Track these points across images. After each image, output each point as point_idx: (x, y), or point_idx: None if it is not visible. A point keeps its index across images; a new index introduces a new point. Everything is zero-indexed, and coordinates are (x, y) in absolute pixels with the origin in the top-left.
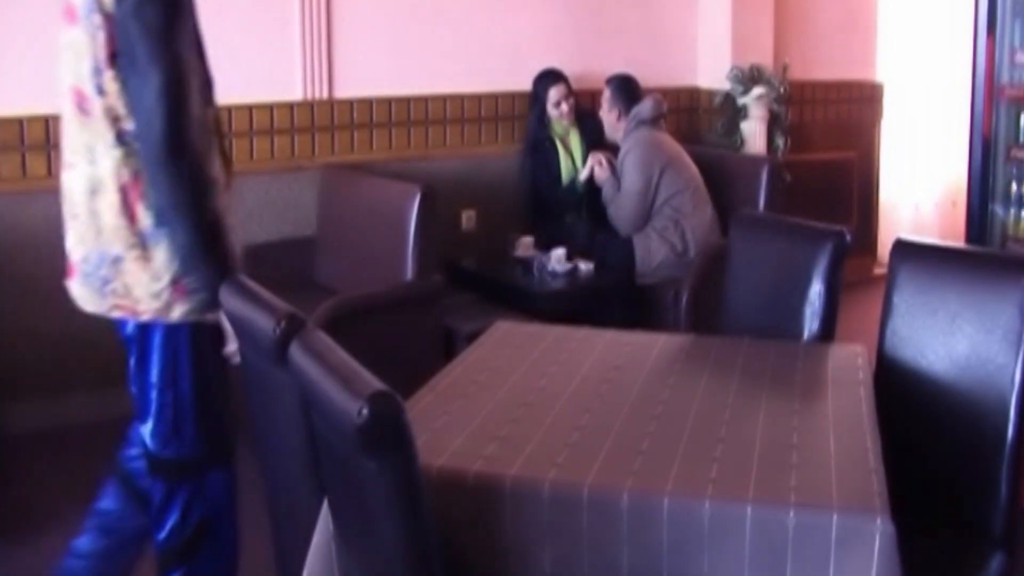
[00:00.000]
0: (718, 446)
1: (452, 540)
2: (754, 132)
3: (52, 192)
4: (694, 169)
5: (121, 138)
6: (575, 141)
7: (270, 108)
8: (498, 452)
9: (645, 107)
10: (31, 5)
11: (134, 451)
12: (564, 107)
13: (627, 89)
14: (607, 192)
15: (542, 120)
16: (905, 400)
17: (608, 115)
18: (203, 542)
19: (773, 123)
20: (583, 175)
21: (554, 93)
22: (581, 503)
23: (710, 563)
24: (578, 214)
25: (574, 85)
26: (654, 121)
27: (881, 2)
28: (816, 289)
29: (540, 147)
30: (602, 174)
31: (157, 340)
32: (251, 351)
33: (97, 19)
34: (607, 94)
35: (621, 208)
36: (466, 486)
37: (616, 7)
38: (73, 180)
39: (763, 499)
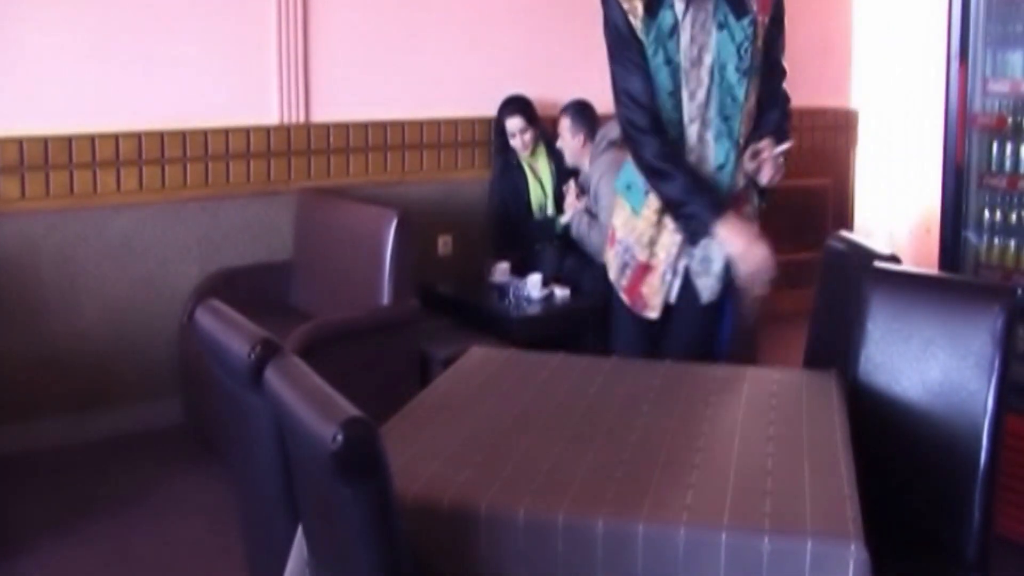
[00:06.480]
0: (693, 472)
1: (427, 566)
2: None
3: (25, 215)
4: None
5: None
6: (544, 166)
7: (246, 132)
8: (473, 478)
9: (613, 128)
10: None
11: None
12: (519, 141)
13: (586, 114)
14: (580, 226)
15: (508, 146)
16: (879, 426)
17: (572, 141)
18: None
19: None
20: (564, 219)
21: (510, 125)
22: (556, 530)
23: None
24: (548, 241)
25: (550, 111)
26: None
27: (856, 29)
28: None
29: (508, 172)
30: (572, 208)
31: None
32: (226, 376)
33: None
34: (566, 122)
35: (606, 233)
36: (441, 512)
37: (592, 32)
38: None
39: (738, 525)
